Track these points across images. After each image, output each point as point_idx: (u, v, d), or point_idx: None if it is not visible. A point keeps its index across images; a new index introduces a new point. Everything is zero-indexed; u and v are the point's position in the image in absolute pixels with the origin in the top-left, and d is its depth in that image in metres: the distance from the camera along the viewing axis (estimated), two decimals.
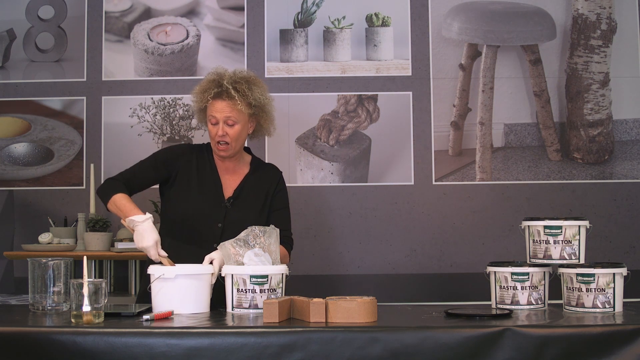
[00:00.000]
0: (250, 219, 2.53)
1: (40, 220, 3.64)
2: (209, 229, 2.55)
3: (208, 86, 2.57)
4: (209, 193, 2.60)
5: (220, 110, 2.55)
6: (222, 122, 2.55)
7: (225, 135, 2.55)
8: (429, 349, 1.89)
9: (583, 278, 2.25)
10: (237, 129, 2.57)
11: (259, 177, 2.68)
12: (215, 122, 2.56)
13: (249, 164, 2.71)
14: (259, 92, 2.59)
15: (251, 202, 2.63)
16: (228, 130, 2.55)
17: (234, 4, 3.81)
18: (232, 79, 2.56)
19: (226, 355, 1.86)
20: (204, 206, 2.57)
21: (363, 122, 3.75)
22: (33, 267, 2.24)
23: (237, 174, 2.67)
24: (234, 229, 2.45)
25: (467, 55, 3.77)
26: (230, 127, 2.56)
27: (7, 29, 3.80)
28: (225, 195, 2.61)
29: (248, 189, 2.64)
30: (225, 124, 2.55)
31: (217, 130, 2.56)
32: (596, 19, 3.77)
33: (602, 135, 3.75)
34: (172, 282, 2.19)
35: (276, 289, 2.24)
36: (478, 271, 2.58)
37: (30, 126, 3.77)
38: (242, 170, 2.68)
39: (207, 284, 2.26)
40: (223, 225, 2.56)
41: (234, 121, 2.55)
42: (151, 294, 2.22)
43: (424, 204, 3.72)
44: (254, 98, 2.56)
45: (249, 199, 2.63)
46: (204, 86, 2.58)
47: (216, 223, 2.56)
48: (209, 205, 2.58)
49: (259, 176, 2.68)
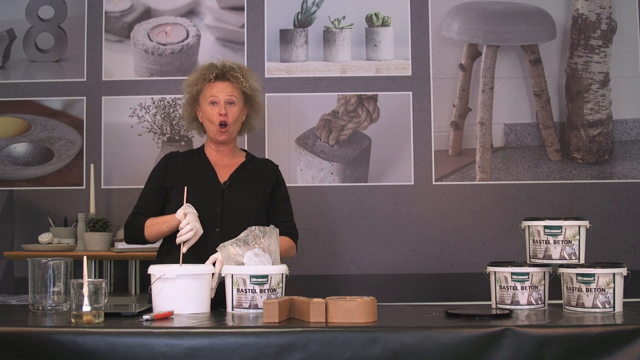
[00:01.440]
0: (249, 203, 2.59)
1: (40, 220, 3.63)
2: (208, 213, 2.55)
3: (207, 70, 2.65)
4: (205, 179, 2.63)
5: (223, 90, 2.62)
6: (223, 102, 2.61)
7: (226, 115, 2.60)
8: (429, 349, 1.89)
9: (583, 278, 2.25)
10: (237, 110, 2.64)
11: (256, 167, 2.73)
12: (216, 102, 2.62)
13: (244, 156, 2.76)
14: (255, 80, 2.71)
15: (248, 187, 2.65)
16: (229, 109, 2.62)
17: (234, 4, 3.81)
18: (231, 65, 2.67)
19: (226, 355, 1.86)
20: (201, 192, 2.58)
21: (363, 122, 3.75)
22: (33, 267, 2.25)
23: (232, 164, 2.70)
24: (234, 213, 2.52)
25: (467, 55, 3.77)
26: (230, 106, 2.63)
27: (7, 29, 3.80)
28: (220, 180, 2.64)
29: (244, 174, 2.68)
30: (227, 103, 2.62)
31: (218, 110, 2.61)
32: (596, 19, 3.76)
33: (602, 135, 3.75)
34: (172, 282, 2.19)
35: (276, 289, 2.25)
36: (478, 271, 2.58)
37: (30, 126, 3.77)
38: (238, 161, 2.72)
39: (207, 284, 2.26)
40: (222, 209, 2.57)
41: (234, 101, 2.63)
42: (151, 294, 2.22)
43: (424, 204, 3.72)
44: (251, 83, 2.67)
45: (245, 183, 2.65)
46: (202, 72, 2.66)
47: (215, 207, 2.57)
48: (205, 191, 2.60)
49: (256, 166, 2.73)
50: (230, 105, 2.62)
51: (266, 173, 2.72)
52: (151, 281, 2.21)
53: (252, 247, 2.31)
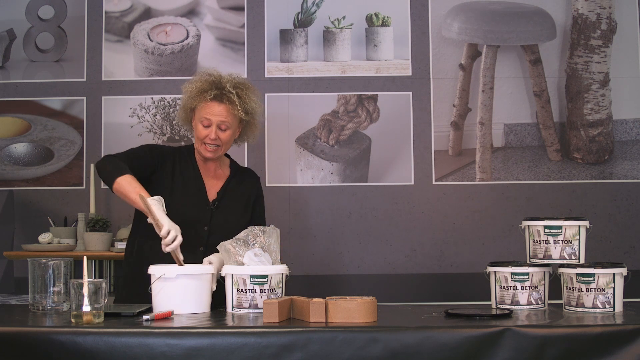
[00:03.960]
0: (234, 221, 2.55)
1: (40, 220, 3.64)
2: (195, 231, 2.51)
3: (207, 87, 2.54)
4: (194, 196, 2.58)
5: (217, 114, 2.53)
6: (215, 126, 2.53)
7: (217, 139, 2.54)
8: (429, 349, 1.89)
9: (583, 278, 2.25)
10: (229, 134, 2.57)
11: (240, 181, 2.69)
12: (208, 125, 2.54)
13: (228, 166, 2.72)
14: (255, 100, 2.59)
15: (234, 205, 2.63)
16: (220, 134, 2.54)
17: (234, 4, 3.81)
18: (233, 83, 2.55)
19: (226, 355, 1.86)
20: (189, 209, 2.54)
21: (363, 122, 3.75)
22: (33, 267, 2.25)
23: (218, 177, 2.67)
24: (220, 232, 2.48)
25: (467, 55, 3.77)
26: (222, 132, 2.55)
27: (7, 29, 3.80)
28: (209, 198, 2.61)
29: (230, 191, 2.65)
30: (219, 128, 2.54)
31: (208, 133, 2.53)
32: (596, 19, 3.76)
33: (602, 135, 3.75)
34: (172, 282, 2.19)
35: (276, 289, 2.25)
36: (478, 271, 2.58)
37: (30, 126, 3.77)
38: (223, 173, 2.69)
39: (207, 284, 2.26)
40: (209, 228, 2.55)
41: (227, 126, 2.55)
42: (151, 294, 2.22)
43: (424, 204, 3.72)
44: (250, 105, 2.56)
45: (232, 202, 2.63)
46: (201, 86, 2.55)
47: (202, 226, 2.55)
48: (194, 208, 2.56)
49: (240, 180, 2.69)
50: (223, 130, 2.55)
51: (249, 187, 2.70)
52: (151, 281, 2.21)
53: (252, 247, 2.31)
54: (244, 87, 2.57)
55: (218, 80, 2.55)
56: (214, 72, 2.60)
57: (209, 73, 2.60)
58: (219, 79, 2.56)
